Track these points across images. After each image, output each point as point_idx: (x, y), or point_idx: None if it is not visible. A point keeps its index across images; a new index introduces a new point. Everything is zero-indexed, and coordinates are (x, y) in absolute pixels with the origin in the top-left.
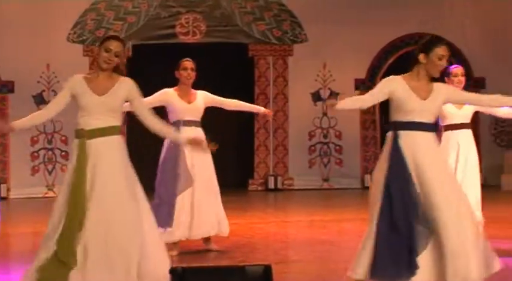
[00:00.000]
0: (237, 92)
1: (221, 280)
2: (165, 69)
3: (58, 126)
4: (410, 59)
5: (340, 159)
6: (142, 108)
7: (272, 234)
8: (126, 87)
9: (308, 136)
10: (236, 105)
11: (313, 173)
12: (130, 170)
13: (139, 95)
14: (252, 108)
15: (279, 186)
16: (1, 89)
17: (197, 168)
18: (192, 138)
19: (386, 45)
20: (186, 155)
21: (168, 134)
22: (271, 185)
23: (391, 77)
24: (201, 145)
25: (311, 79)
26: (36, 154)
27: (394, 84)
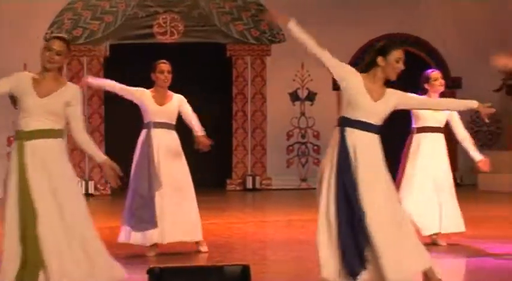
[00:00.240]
0: (215, 92)
1: (199, 280)
2: (142, 69)
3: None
4: (367, 62)
5: (318, 159)
6: (77, 119)
7: (250, 234)
8: (70, 93)
9: (286, 136)
10: (192, 123)
11: (291, 173)
12: (71, 172)
13: (80, 105)
14: (198, 130)
15: (257, 186)
16: None
17: (165, 175)
18: (110, 165)
19: (364, 45)
20: (155, 159)
21: (93, 153)
22: (249, 185)
23: (355, 70)
24: (111, 176)
25: (289, 79)
26: None
27: (353, 76)
